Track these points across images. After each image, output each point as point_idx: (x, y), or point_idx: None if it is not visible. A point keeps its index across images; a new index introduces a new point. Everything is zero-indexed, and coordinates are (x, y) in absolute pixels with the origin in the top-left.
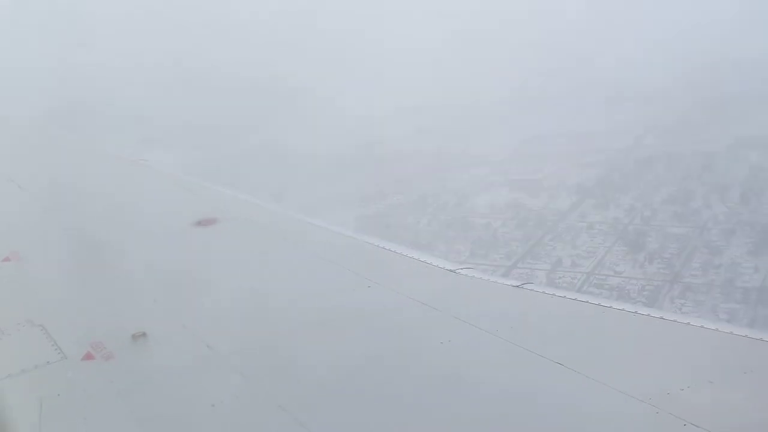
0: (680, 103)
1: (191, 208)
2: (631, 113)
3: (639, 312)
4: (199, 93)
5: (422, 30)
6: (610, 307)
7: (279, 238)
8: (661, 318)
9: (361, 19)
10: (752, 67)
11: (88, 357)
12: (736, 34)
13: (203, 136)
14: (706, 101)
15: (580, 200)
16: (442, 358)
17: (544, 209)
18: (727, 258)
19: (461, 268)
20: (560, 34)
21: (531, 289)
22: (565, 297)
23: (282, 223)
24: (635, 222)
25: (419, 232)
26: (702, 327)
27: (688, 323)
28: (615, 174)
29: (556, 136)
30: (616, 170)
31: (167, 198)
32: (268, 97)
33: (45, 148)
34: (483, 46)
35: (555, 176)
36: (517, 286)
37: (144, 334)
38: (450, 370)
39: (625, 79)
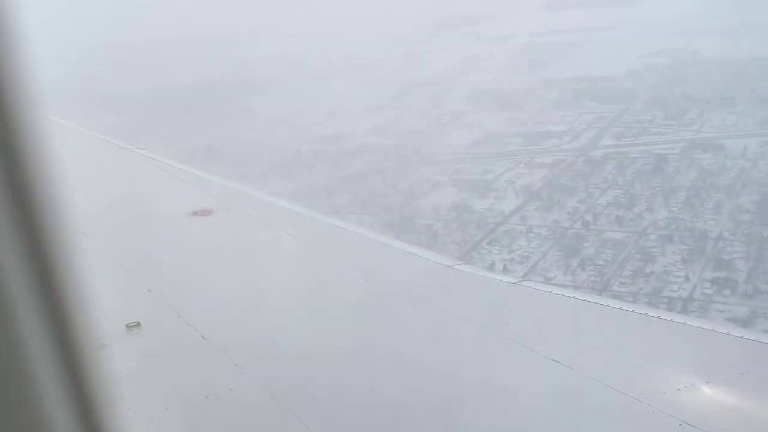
0: (643, 103)
1: (187, 198)
2: (594, 113)
3: (636, 311)
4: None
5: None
6: (608, 305)
7: (275, 229)
8: (659, 317)
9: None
10: (717, 66)
11: None
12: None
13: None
14: (669, 100)
15: (526, 202)
16: (438, 353)
17: (488, 211)
18: (659, 266)
19: (458, 264)
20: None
21: (529, 286)
22: (562, 295)
23: (278, 214)
24: (575, 226)
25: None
26: (699, 327)
27: (685, 323)
28: (564, 175)
29: (513, 135)
30: (567, 171)
31: (162, 187)
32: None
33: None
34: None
35: (505, 176)
36: (515, 283)
37: (138, 324)
38: (446, 366)
39: (589, 79)
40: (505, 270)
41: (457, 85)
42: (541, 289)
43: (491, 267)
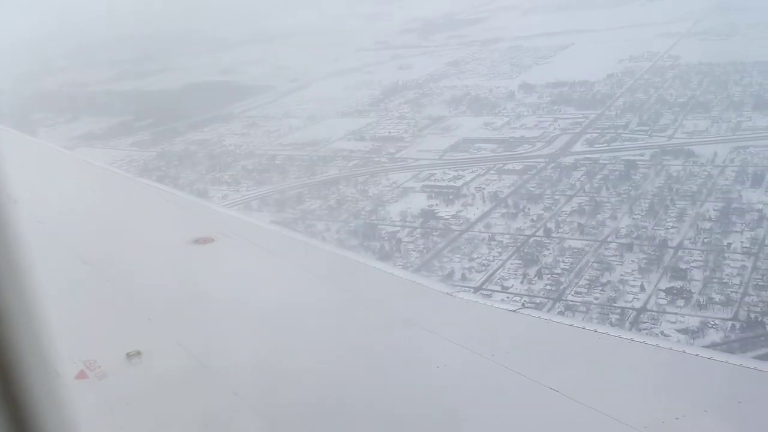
0: (619, 108)
1: (187, 226)
2: (570, 118)
3: (635, 339)
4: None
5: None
6: (606, 333)
7: (275, 257)
8: (657, 345)
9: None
10: (696, 71)
11: (81, 376)
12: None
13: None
14: (645, 106)
15: (492, 209)
16: (438, 382)
17: (454, 218)
18: (616, 276)
19: (457, 292)
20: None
21: (527, 314)
22: (561, 323)
23: (278, 242)
24: (537, 234)
25: (326, 239)
26: (698, 355)
27: (684, 351)
28: (533, 182)
29: (487, 141)
30: (536, 178)
31: (163, 215)
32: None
33: (35, 159)
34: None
35: (475, 183)
36: (514, 311)
37: (138, 353)
38: (446, 395)
39: (568, 83)
40: (464, 278)
41: (438, 89)
42: (539, 317)
43: (450, 275)
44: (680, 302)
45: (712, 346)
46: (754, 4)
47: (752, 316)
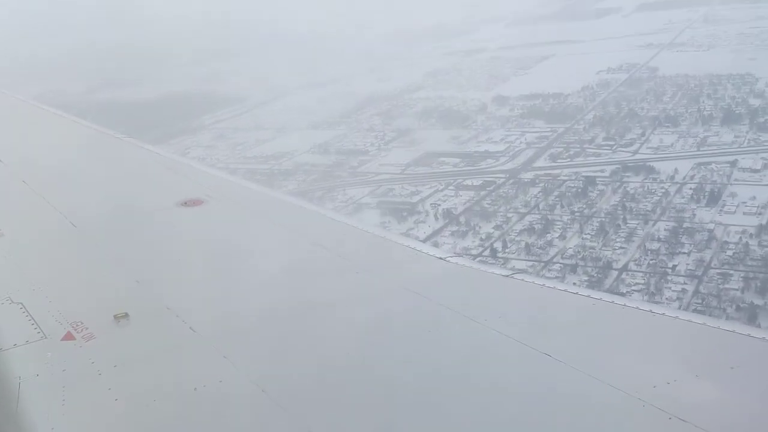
0: (588, 122)
1: (177, 188)
2: (538, 132)
3: (627, 305)
4: None
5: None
6: (600, 299)
7: (267, 220)
8: (650, 311)
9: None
10: (671, 83)
11: (68, 337)
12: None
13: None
14: (614, 119)
15: (443, 227)
16: (430, 347)
17: (403, 236)
18: None
19: (451, 256)
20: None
21: (521, 279)
22: (554, 288)
23: (270, 205)
24: (483, 254)
25: None
26: (689, 321)
27: (677, 317)
28: (489, 199)
29: (452, 155)
30: (492, 194)
31: (152, 177)
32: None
33: (20, 120)
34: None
35: (431, 199)
36: (507, 276)
37: (126, 315)
38: (437, 360)
39: (541, 96)
40: None
41: (412, 100)
42: (533, 282)
43: None
44: None
45: None
46: (739, 15)
47: None
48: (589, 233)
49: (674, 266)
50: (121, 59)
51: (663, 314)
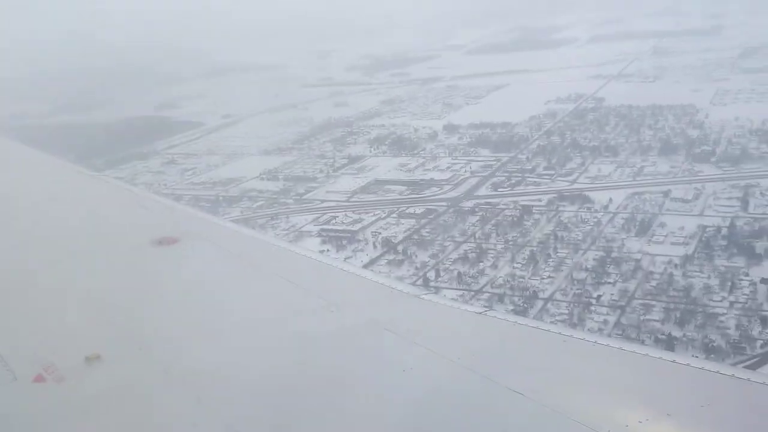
0: (532, 151)
1: (151, 226)
2: (483, 160)
3: (599, 342)
4: None
5: None
6: (571, 336)
7: (241, 258)
8: (620, 348)
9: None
10: (615, 113)
11: (39, 379)
12: None
13: None
14: (557, 149)
15: (380, 256)
16: (405, 385)
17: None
18: None
19: (424, 294)
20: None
21: (494, 316)
22: (526, 325)
23: (244, 243)
24: (416, 283)
25: None
26: (660, 358)
27: (647, 354)
28: (429, 227)
29: (397, 183)
30: (432, 223)
31: (126, 214)
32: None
33: None
34: None
35: (372, 227)
36: (480, 313)
37: (98, 357)
38: (412, 398)
39: (490, 125)
40: None
41: (366, 127)
42: (505, 319)
43: None
44: None
45: None
46: (686, 47)
47: None
48: (520, 262)
49: (599, 296)
50: (85, 82)
51: (633, 352)
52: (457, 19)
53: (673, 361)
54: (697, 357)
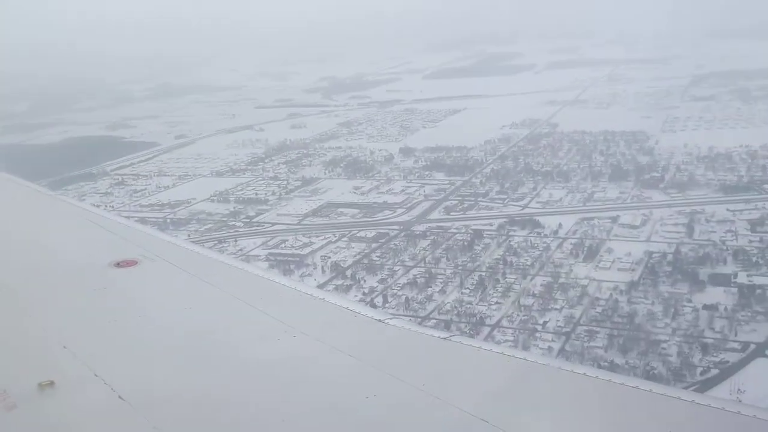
0: (485, 175)
1: (110, 248)
2: (437, 184)
3: (562, 368)
4: None
5: None
6: (535, 362)
7: (201, 281)
8: (584, 374)
9: None
10: (568, 139)
11: None
12: None
13: None
14: (510, 173)
15: (329, 281)
16: (368, 413)
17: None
18: None
19: (388, 318)
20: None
21: (459, 342)
22: (491, 351)
23: (205, 265)
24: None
25: None
26: (623, 384)
27: (610, 380)
28: (378, 251)
29: (351, 206)
30: (383, 247)
31: (84, 236)
32: None
33: None
34: None
35: (322, 251)
36: (445, 338)
37: (52, 383)
38: (375, 426)
39: (446, 148)
40: None
41: (322, 149)
42: (470, 345)
43: None
44: None
45: None
46: (640, 75)
47: None
48: (468, 288)
49: (545, 323)
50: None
51: (596, 377)
52: (420, 44)
53: (636, 387)
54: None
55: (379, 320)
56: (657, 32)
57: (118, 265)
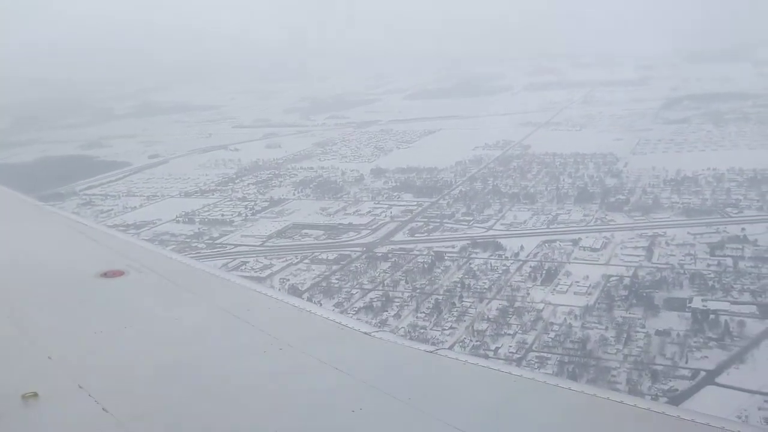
0: (453, 197)
1: (97, 258)
2: (404, 205)
3: (548, 381)
4: None
5: None
6: (521, 375)
7: (189, 292)
8: (570, 389)
9: None
10: (539, 161)
11: None
12: None
13: None
14: (478, 195)
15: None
16: (354, 427)
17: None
18: None
19: (375, 331)
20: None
21: (445, 355)
22: (477, 364)
23: (192, 275)
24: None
25: None
26: (604, 398)
27: (595, 395)
28: (339, 273)
29: (315, 227)
30: (344, 269)
31: (71, 245)
32: None
33: None
34: None
35: (282, 273)
36: (431, 351)
37: (35, 395)
38: None
39: (416, 169)
40: None
41: (294, 170)
42: (456, 359)
43: None
44: None
45: None
46: (615, 97)
47: None
48: (423, 312)
49: (497, 348)
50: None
51: (581, 392)
52: (407, 63)
53: (621, 402)
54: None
55: (366, 333)
56: (637, 54)
57: (105, 275)
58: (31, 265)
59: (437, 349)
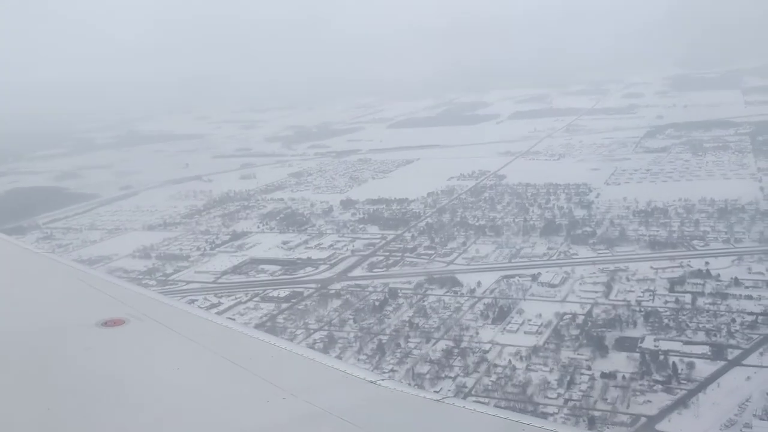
0: (419, 229)
1: (97, 306)
2: (368, 238)
3: (558, 430)
4: None
5: None
6: (518, 421)
7: (190, 341)
8: None
9: None
10: (511, 192)
11: None
12: None
13: None
14: (444, 227)
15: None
16: None
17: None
18: None
19: (381, 380)
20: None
21: (452, 404)
22: (485, 413)
23: (193, 324)
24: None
25: None
26: None
27: None
28: (287, 312)
29: (273, 262)
30: (293, 307)
31: (72, 295)
32: None
33: None
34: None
35: (231, 311)
36: (438, 400)
37: None
38: None
39: (386, 201)
40: None
41: (264, 201)
42: (464, 407)
43: None
44: None
45: None
46: (599, 126)
47: None
48: (366, 353)
49: (438, 392)
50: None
51: None
52: (396, 91)
53: None
54: None
55: (371, 381)
56: (627, 81)
57: (105, 324)
58: (32, 315)
59: (444, 398)
